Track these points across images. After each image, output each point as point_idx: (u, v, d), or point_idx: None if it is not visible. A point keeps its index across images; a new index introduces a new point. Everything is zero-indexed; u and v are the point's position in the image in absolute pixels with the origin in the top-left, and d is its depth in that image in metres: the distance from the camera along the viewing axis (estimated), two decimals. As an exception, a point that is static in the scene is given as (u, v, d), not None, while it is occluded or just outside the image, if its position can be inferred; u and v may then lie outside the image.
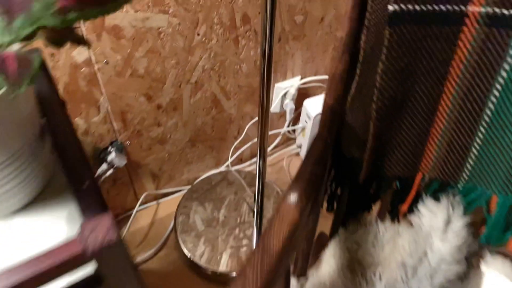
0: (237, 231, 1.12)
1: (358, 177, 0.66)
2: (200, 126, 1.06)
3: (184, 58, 0.89)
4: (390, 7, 0.50)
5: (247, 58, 0.99)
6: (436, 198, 0.65)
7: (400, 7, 0.50)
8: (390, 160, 0.64)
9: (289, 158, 1.30)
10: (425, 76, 0.55)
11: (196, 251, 1.05)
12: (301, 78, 1.15)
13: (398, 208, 0.70)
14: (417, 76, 0.55)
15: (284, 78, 1.13)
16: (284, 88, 1.13)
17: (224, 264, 1.04)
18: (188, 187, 1.19)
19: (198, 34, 0.87)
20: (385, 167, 0.65)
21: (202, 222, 1.11)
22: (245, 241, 1.09)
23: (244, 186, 1.18)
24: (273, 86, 1.12)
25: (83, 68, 0.78)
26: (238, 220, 1.14)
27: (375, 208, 0.73)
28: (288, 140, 1.34)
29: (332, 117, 0.59)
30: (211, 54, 0.93)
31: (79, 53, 0.75)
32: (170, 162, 1.10)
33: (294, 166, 1.28)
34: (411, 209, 0.68)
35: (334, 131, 0.61)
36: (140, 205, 1.14)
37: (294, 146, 1.29)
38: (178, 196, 1.19)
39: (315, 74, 1.19)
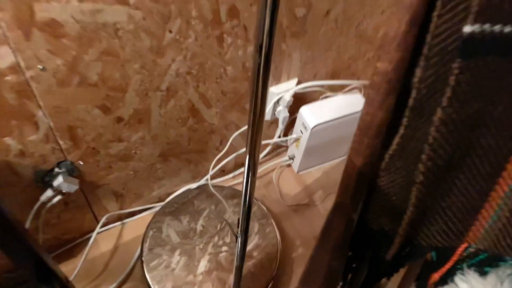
0: (216, 238, 0.95)
1: (384, 250, 0.49)
2: (173, 139, 0.87)
3: (152, 61, 0.69)
4: (467, 28, 0.31)
5: (233, 59, 0.80)
6: (481, 271, 0.48)
7: (482, 29, 0.31)
8: (429, 229, 0.47)
9: (279, 170, 1.12)
10: (499, 126, 0.37)
11: (170, 265, 0.89)
12: (298, 82, 0.96)
13: (428, 278, 0.54)
14: (487, 127, 0.37)
15: (278, 81, 0.93)
16: (278, 94, 0.93)
17: (202, 268, 0.90)
18: (160, 204, 1.01)
19: (171, 31, 0.67)
20: (421, 237, 0.48)
21: (177, 235, 0.94)
22: (224, 248, 0.93)
23: (224, 205, 1.00)
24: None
25: (8, 76, 0.57)
26: (218, 227, 0.97)
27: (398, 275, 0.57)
28: (278, 147, 1.15)
29: (359, 182, 0.41)
30: (188, 55, 0.72)
31: (0, 57, 0.54)
32: (137, 180, 0.91)
33: (285, 180, 1.11)
34: (444, 280, 0.52)
35: (359, 200, 0.43)
36: (101, 227, 0.95)
37: (285, 157, 1.10)
38: (148, 215, 1.01)
39: (315, 77, 1.00)
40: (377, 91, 0.35)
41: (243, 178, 0.68)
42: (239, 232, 0.84)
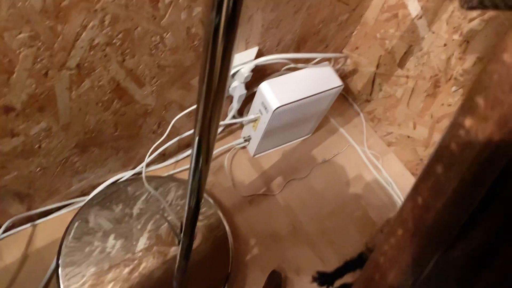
0: (157, 216, 0.80)
1: None
2: (94, 127, 0.66)
3: (48, 29, 0.46)
4: None
5: (173, 24, 0.58)
6: None
7: None
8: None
9: (232, 153, 0.94)
10: None
11: (105, 250, 0.74)
12: (259, 51, 0.76)
13: None
14: None
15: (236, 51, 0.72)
16: (234, 67, 0.73)
17: (141, 246, 0.77)
18: (84, 198, 0.81)
19: (74, -15, 0.44)
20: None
21: (109, 222, 0.78)
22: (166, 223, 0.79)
23: (160, 200, 0.82)
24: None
25: None
26: (162, 206, 0.81)
27: None
28: (231, 125, 0.97)
29: None
30: (106, 19, 0.50)
31: None
32: (47, 177, 0.69)
33: (238, 165, 0.94)
34: None
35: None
36: (3, 233, 0.74)
37: (240, 139, 0.92)
38: (69, 211, 0.81)
39: (279, 44, 0.80)
40: (457, 174, 0.17)
41: (189, 171, 0.50)
42: (182, 236, 0.67)
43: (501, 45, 0.16)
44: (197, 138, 0.43)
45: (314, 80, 0.82)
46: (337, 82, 0.83)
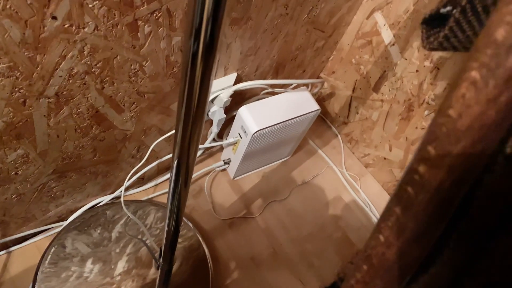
0: (137, 239, 0.79)
1: None
2: (72, 153, 0.65)
3: (27, 59, 0.47)
4: None
5: (153, 53, 0.59)
6: None
7: None
8: None
9: (212, 176, 0.95)
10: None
11: (82, 275, 0.72)
12: (238, 77, 0.78)
13: None
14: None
15: (214, 76, 0.74)
16: (213, 92, 0.75)
17: (120, 269, 0.76)
18: (62, 223, 0.80)
19: (54, 17, 0.45)
20: None
21: (87, 246, 0.77)
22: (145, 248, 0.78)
23: (140, 226, 0.81)
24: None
25: None
26: (141, 230, 0.80)
27: None
28: (211, 147, 0.98)
29: None
30: (85, 49, 0.51)
31: None
32: (23, 203, 0.69)
33: (218, 187, 0.94)
34: None
35: None
36: (-24, 260, 0.72)
37: (219, 162, 0.93)
38: (46, 238, 0.80)
39: (257, 70, 0.82)
40: (414, 216, 0.19)
41: (168, 194, 0.50)
42: (161, 261, 0.67)
43: (447, 101, 0.18)
44: (175, 162, 0.44)
45: (292, 104, 0.84)
46: (314, 106, 0.85)
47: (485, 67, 0.17)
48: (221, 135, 0.94)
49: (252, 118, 0.79)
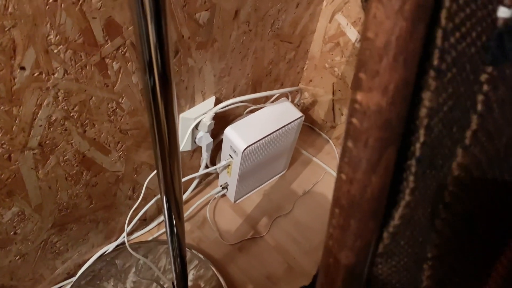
0: (154, 285, 0.78)
1: None
2: (68, 203, 0.66)
3: (4, 113, 0.48)
4: (503, 12, 0.17)
5: (127, 88, 0.61)
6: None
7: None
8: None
9: (213, 204, 0.95)
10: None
11: None
12: (217, 100, 0.79)
13: None
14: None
15: (193, 104, 0.76)
16: (195, 118, 0.76)
17: None
18: (72, 279, 0.79)
19: (22, 68, 0.47)
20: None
21: None
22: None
23: (151, 266, 0.80)
24: (178, 119, 0.74)
25: None
26: (155, 275, 0.79)
27: None
28: (206, 176, 0.98)
29: (348, 284, 0.25)
30: (59, 95, 0.52)
31: None
32: (28, 264, 0.68)
33: (221, 214, 0.94)
34: None
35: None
36: (-10, 333, 0.71)
37: (217, 188, 0.93)
38: (56, 297, 0.78)
39: (235, 90, 0.84)
40: (364, 145, 0.20)
41: (166, 231, 0.51)
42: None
43: (365, 26, 0.19)
44: (164, 198, 0.45)
45: (275, 116, 0.85)
46: (297, 114, 0.86)
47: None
48: (214, 162, 0.95)
49: (239, 136, 0.80)
